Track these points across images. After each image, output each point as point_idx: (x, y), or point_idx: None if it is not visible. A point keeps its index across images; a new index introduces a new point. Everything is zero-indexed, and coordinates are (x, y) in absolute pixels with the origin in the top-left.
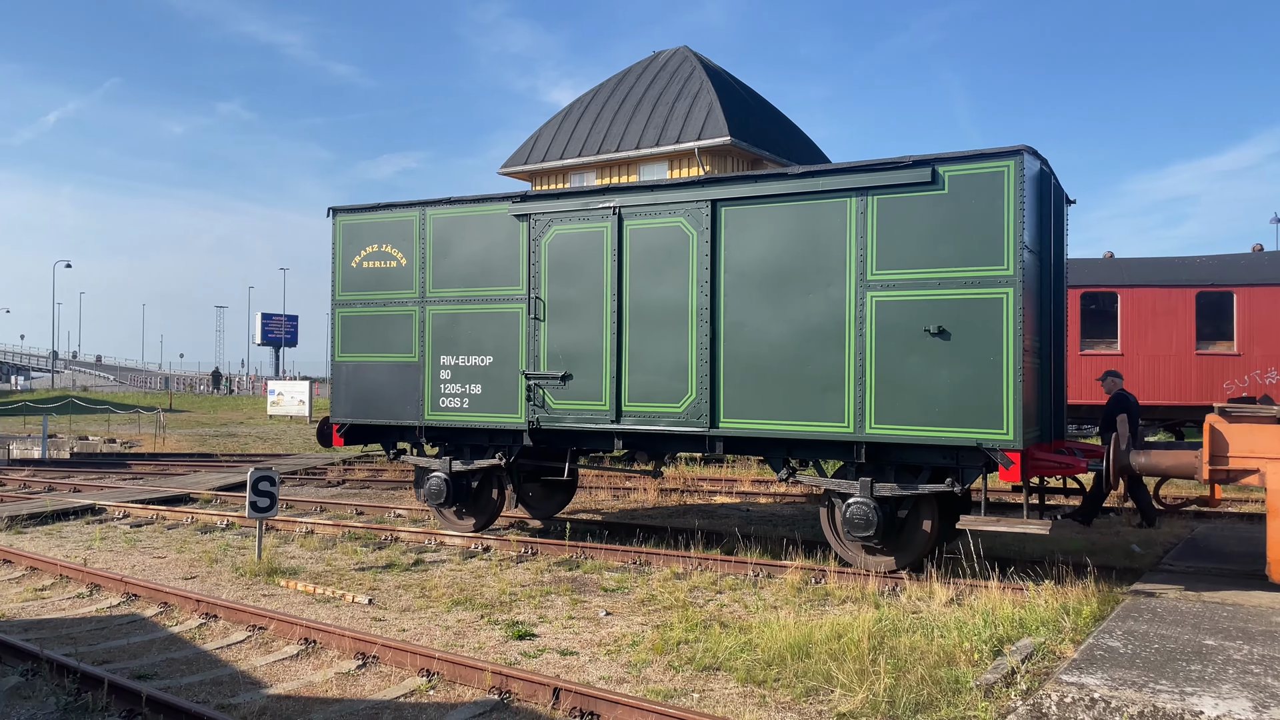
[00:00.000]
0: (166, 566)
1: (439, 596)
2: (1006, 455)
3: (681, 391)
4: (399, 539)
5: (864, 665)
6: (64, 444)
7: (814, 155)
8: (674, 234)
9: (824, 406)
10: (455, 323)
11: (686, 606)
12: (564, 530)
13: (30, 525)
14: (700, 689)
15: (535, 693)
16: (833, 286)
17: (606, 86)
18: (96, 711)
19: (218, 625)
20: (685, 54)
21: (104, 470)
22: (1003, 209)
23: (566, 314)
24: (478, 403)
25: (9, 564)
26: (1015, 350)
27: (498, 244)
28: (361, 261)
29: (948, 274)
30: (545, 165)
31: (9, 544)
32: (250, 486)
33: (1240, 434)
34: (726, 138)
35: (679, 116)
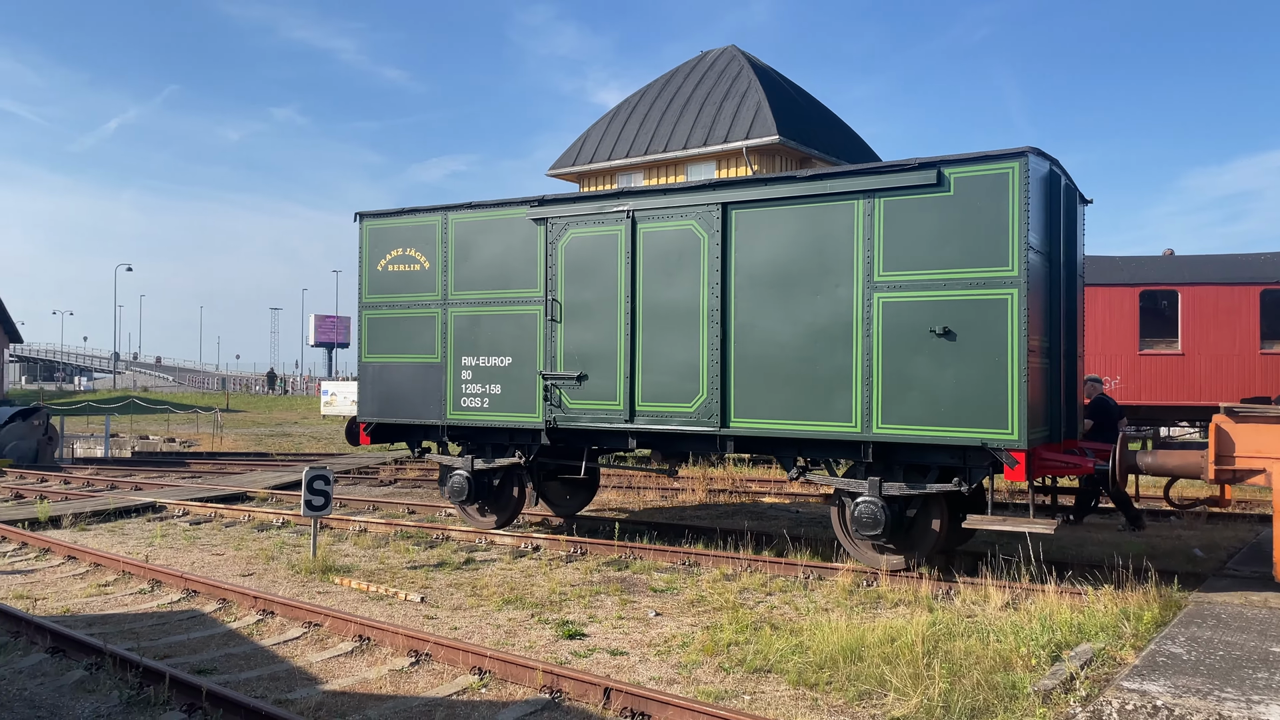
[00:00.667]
0: (225, 563)
1: (490, 595)
2: (1011, 455)
3: (693, 391)
4: (450, 538)
5: (918, 669)
6: (125, 443)
7: (864, 153)
8: (686, 236)
9: (832, 406)
10: (476, 324)
11: (736, 608)
12: (613, 530)
13: (94, 522)
14: (751, 691)
15: (586, 692)
16: (840, 288)
17: (654, 87)
18: (158, 705)
19: (274, 621)
20: (733, 53)
21: (164, 469)
22: (1008, 210)
23: (582, 316)
24: (497, 402)
25: (74, 560)
26: (1020, 351)
27: (516, 247)
28: (387, 265)
29: (953, 275)
30: (593, 167)
31: (74, 540)
32: (305, 485)
33: (1246, 434)
34: (775, 137)
35: (727, 116)
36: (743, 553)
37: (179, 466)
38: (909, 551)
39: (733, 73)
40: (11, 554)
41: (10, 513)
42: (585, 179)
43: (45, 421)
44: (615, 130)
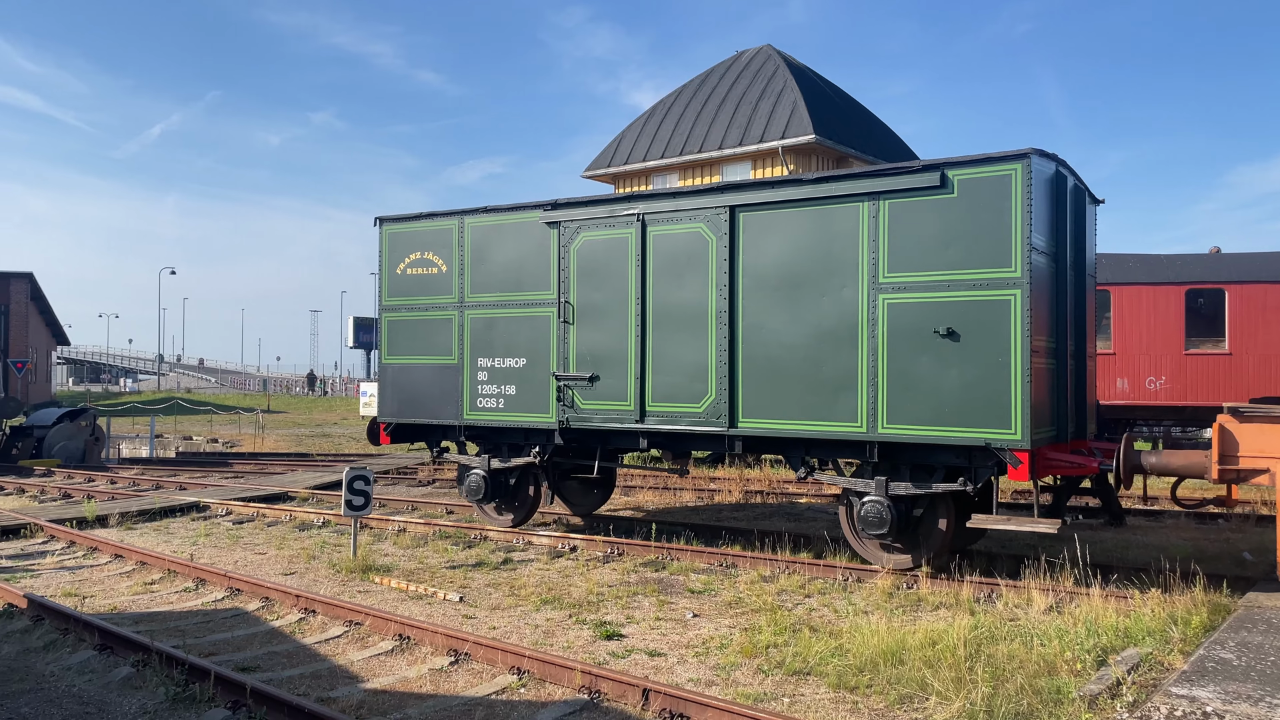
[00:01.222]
0: (267, 562)
1: (528, 595)
2: (1015, 455)
3: (702, 392)
4: (488, 538)
5: (960, 673)
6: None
7: (901, 152)
8: (694, 239)
9: (838, 407)
10: (491, 326)
11: (775, 610)
12: (650, 531)
13: (140, 521)
14: (791, 693)
15: (625, 693)
16: (846, 289)
17: (689, 87)
18: (203, 702)
19: (316, 620)
20: (769, 53)
21: (207, 469)
22: (1010, 211)
23: (594, 317)
24: (512, 403)
25: (120, 558)
26: (1023, 351)
27: (530, 251)
28: (406, 268)
29: (957, 276)
30: (628, 168)
31: (120, 539)
32: (346, 485)
33: (1251, 434)
34: (811, 136)
35: (762, 116)
36: (780, 554)
37: (222, 466)
38: (916, 551)
39: (768, 72)
40: (60, 552)
41: (59, 512)
42: (620, 180)
43: (92, 422)
44: (650, 131)
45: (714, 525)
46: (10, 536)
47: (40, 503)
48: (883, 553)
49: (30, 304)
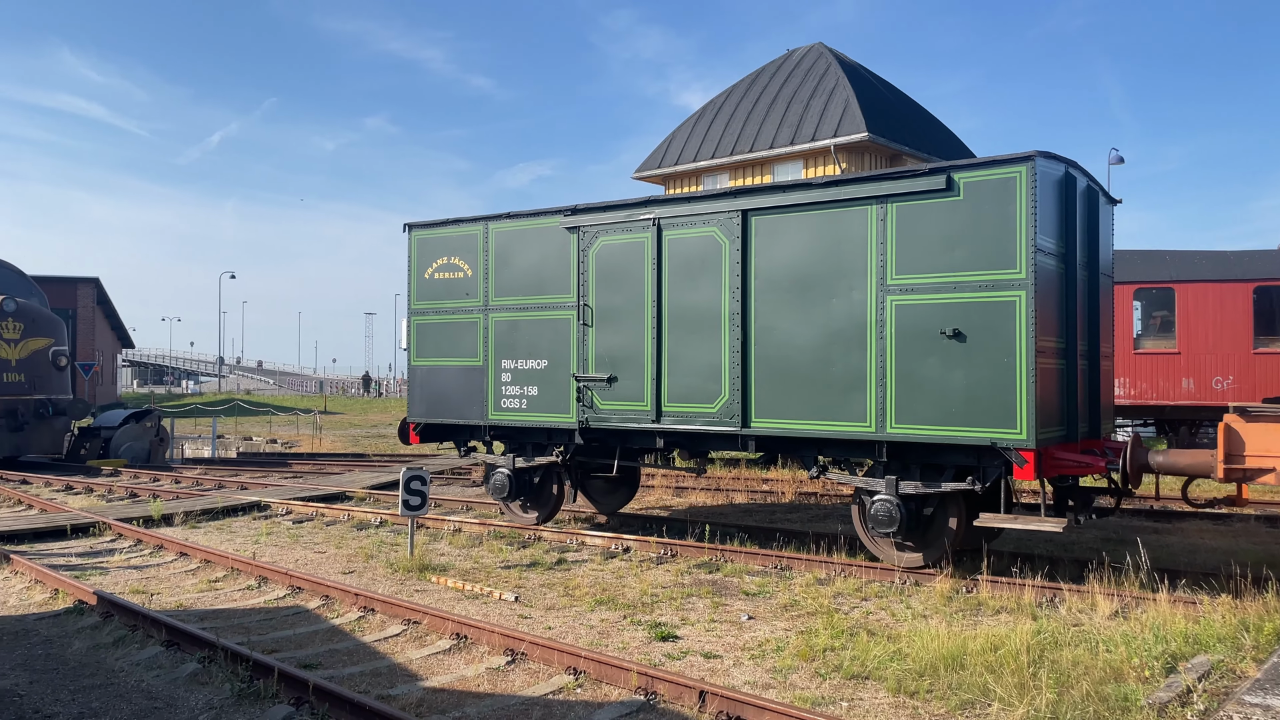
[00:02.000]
0: (326, 561)
1: (582, 596)
2: (1020, 454)
3: (716, 392)
4: (542, 538)
5: (1024, 679)
6: (230, 444)
7: (956, 148)
8: (708, 243)
9: (848, 407)
10: (514, 329)
11: (831, 613)
12: (704, 532)
13: (204, 520)
14: (849, 697)
15: (681, 695)
16: (855, 291)
17: (739, 87)
18: (267, 698)
19: (375, 619)
20: (820, 50)
21: (267, 469)
22: (1015, 214)
23: (612, 320)
24: (534, 403)
25: (186, 556)
26: (1028, 352)
27: (551, 255)
28: (433, 273)
29: (963, 278)
30: (678, 169)
31: (185, 538)
32: (403, 486)
33: (1257, 433)
34: (864, 134)
35: (814, 114)
36: (836, 557)
37: (281, 467)
38: (927, 549)
39: (820, 70)
40: (127, 550)
41: (125, 511)
42: (671, 181)
43: (156, 423)
44: (701, 131)
45: (768, 527)
46: (80, 534)
47: (108, 502)
48: (894, 551)
49: (96, 308)
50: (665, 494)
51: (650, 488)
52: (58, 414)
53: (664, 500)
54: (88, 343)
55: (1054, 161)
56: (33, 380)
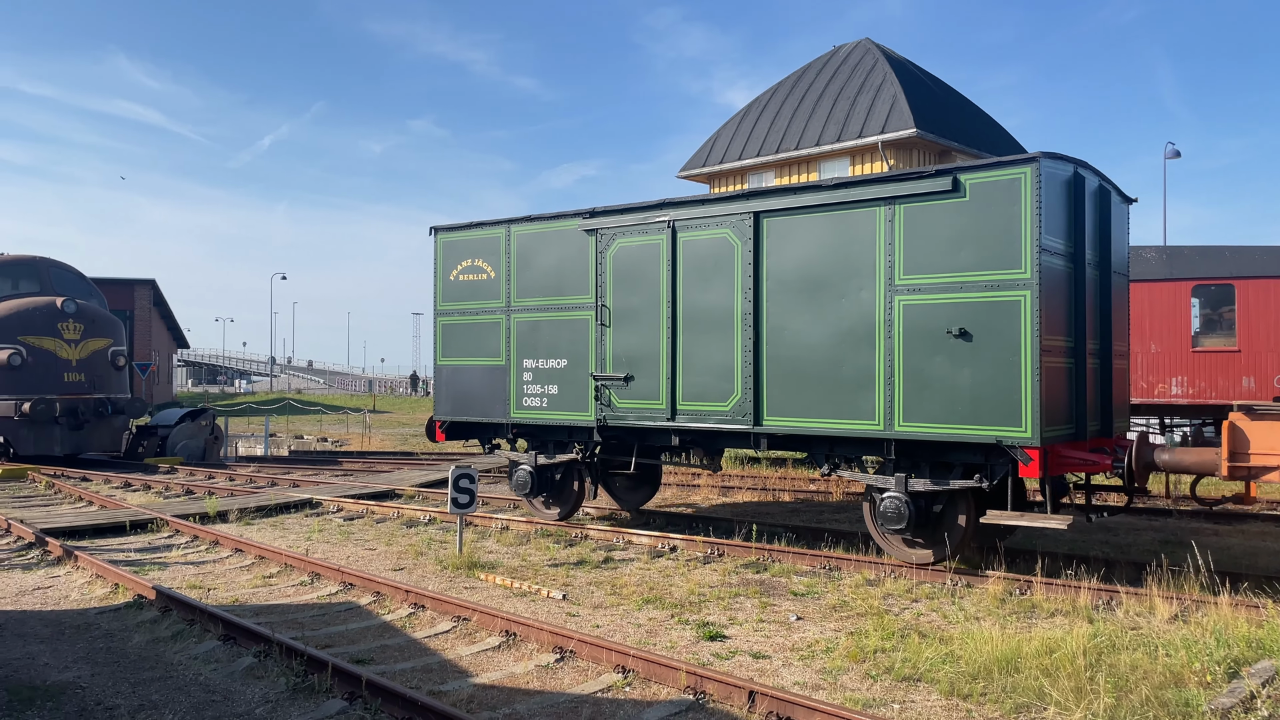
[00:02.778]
0: (377, 558)
1: (629, 594)
2: (1025, 452)
3: (729, 391)
4: (588, 537)
5: (1080, 683)
6: (282, 442)
7: (1007, 144)
8: (721, 245)
9: (857, 405)
10: (535, 329)
11: (881, 614)
12: (750, 532)
13: (257, 517)
14: (900, 699)
15: (730, 695)
16: (864, 291)
17: (785, 84)
18: (321, 693)
19: (425, 615)
20: (867, 46)
21: (318, 467)
22: (1020, 214)
23: (628, 320)
24: (555, 402)
25: (240, 553)
26: (1033, 351)
27: (571, 257)
28: (458, 275)
29: (969, 278)
30: (723, 167)
31: (239, 534)
32: (451, 483)
33: (1262, 432)
34: (912, 130)
35: (861, 111)
36: (886, 558)
37: (332, 465)
38: (937, 546)
39: (867, 66)
40: (184, 546)
41: (182, 507)
42: (715, 180)
43: (211, 422)
44: (746, 129)
45: (815, 527)
46: (139, 530)
47: (165, 499)
48: (905, 548)
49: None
50: (711, 493)
51: (696, 486)
52: (116, 413)
53: (710, 499)
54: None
55: (1061, 162)
56: (92, 380)
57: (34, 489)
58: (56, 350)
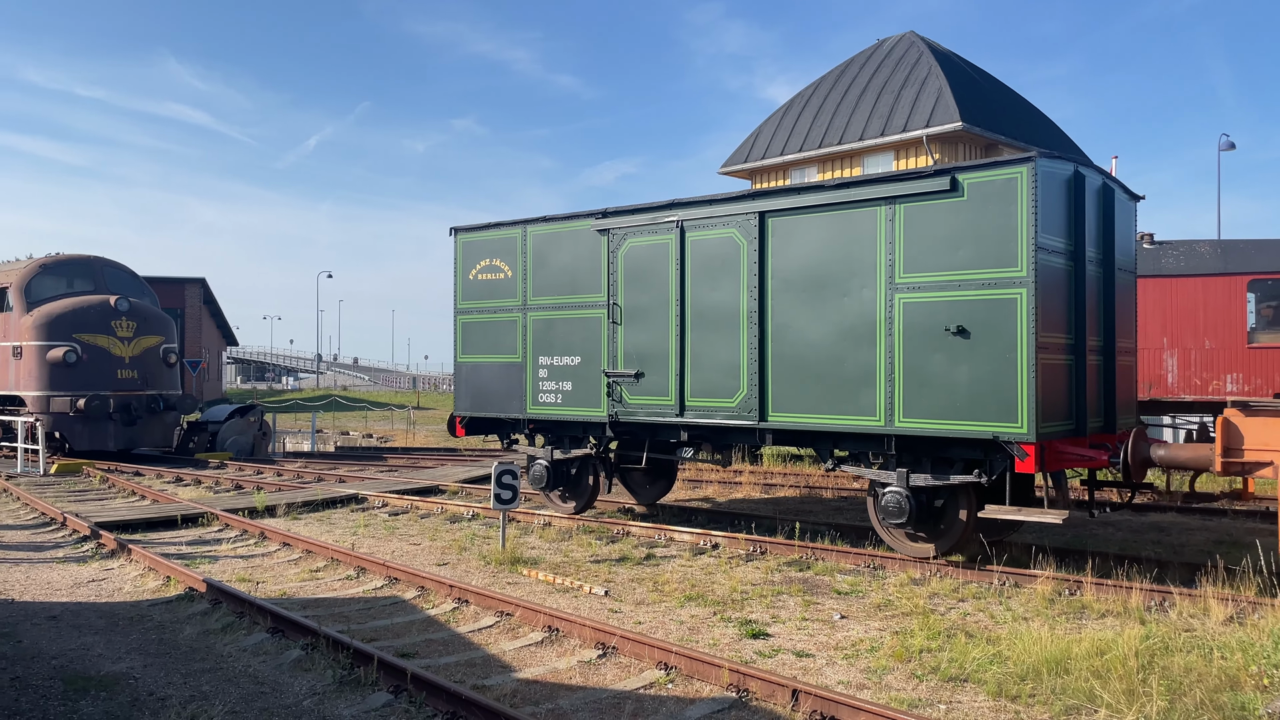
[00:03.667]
0: (421, 553)
1: (671, 591)
2: (1021, 448)
3: (735, 388)
4: (630, 533)
5: (1132, 685)
6: (329, 438)
7: (1055, 137)
8: (727, 244)
9: (859, 401)
10: (550, 327)
11: (927, 614)
12: (793, 530)
13: (305, 512)
14: (947, 700)
15: (773, 693)
16: (865, 289)
17: (828, 79)
18: (367, 686)
19: (469, 610)
20: (911, 39)
21: (364, 463)
22: (1017, 213)
23: (639, 318)
24: (569, 398)
25: (288, 547)
26: (1029, 348)
27: (584, 256)
28: (477, 274)
29: (967, 276)
30: (765, 163)
31: (287, 529)
32: (495, 480)
33: (1255, 427)
34: (958, 123)
35: (905, 104)
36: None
37: (377, 460)
38: (939, 540)
39: (911, 59)
40: (234, 540)
41: (231, 502)
42: (757, 175)
43: (259, 418)
44: (788, 125)
45: (859, 525)
46: (190, 524)
47: (215, 493)
48: (908, 541)
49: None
50: (753, 490)
51: (738, 484)
52: (168, 409)
53: (751, 495)
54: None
55: (1059, 161)
56: (145, 376)
57: (89, 483)
58: (110, 348)
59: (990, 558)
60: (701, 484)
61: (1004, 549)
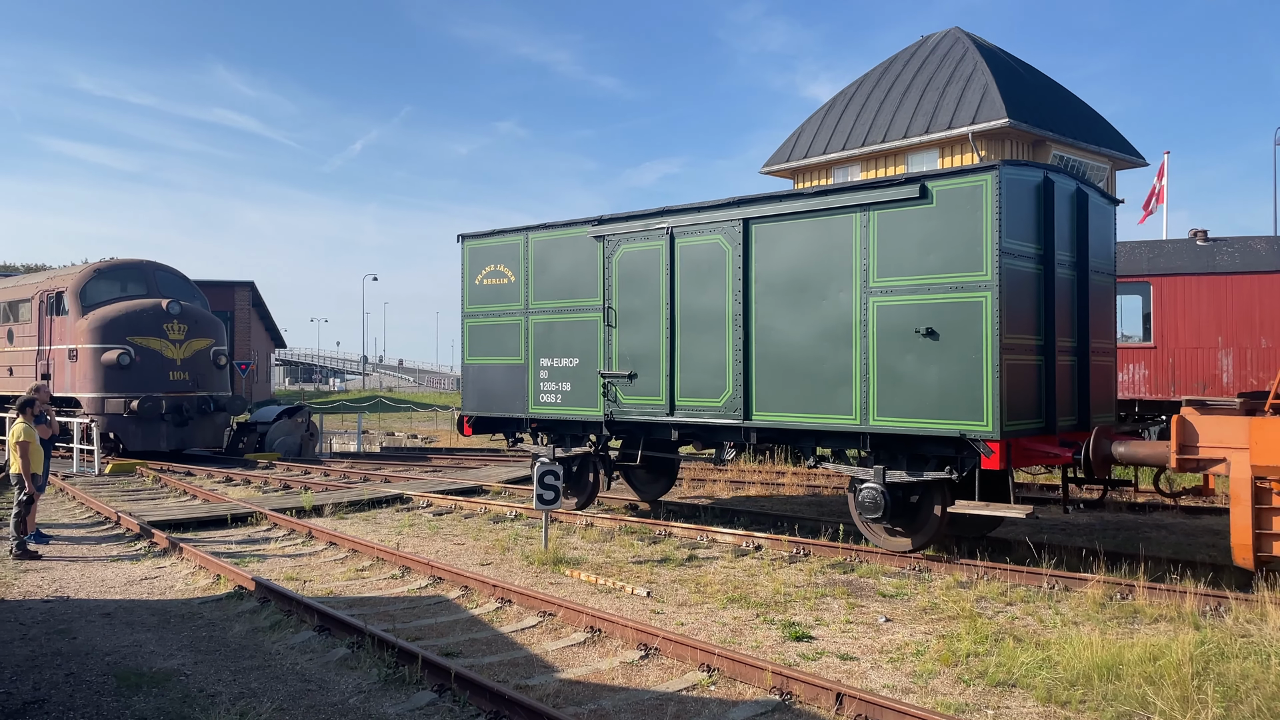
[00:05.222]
0: (465, 552)
1: (714, 593)
2: (987, 445)
3: (721, 388)
4: (672, 534)
5: (1186, 691)
6: (374, 439)
7: (1105, 132)
8: (714, 250)
9: (836, 401)
10: (551, 330)
11: (974, 617)
12: (837, 531)
13: (351, 512)
14: (995, 705)
15: (817, 696)
16: (842, 293)
17: (871, 76)
18: (412, 684)
19: (512, 610)
20: (956, 35)
21: (408, 463)
22: (982, 219)
23: (632, 321)
24: (568, 398)
25: (335, 546)
26: (994, 348)
27: (582, 262)
28: (482, 279)
29: (936, 280)
30: (807, 162)
31: (334, 528)
32: (537, 480)
33: (1209, 425)
34: (1004, 120)
35: (950, 101)
36: (978, 560)
37: (421, 461)
38: (915, 535)
39: (956, 55)
40: (282, 539)
41: (280, 501)
42: (800, 174)
43: (307, 419)
44: (831, 123)
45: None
46: (239, 523)
47: (263, 493)
48: (885, 536)
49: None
50: (796, 490)
51: (781, 485)
52: (218, 410)
53: (795, 494)
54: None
55: (1027, 168)
56: (196, 378)
57: (142, 483)
58: (162, 350)
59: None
60: (744, 485)
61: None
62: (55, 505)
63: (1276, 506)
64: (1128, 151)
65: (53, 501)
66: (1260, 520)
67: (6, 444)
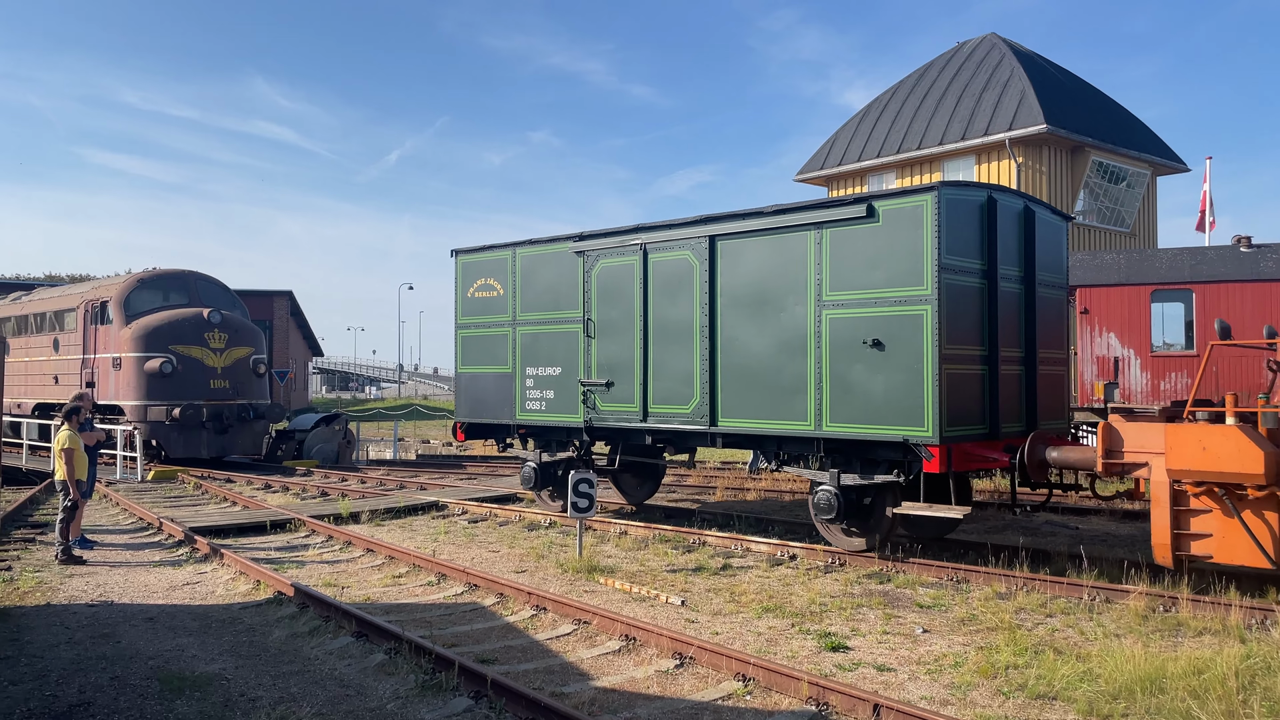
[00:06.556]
0: (500, 560)
1: (748, 602)
2: (928, 449)
3: (689, 395)
4: (706, 543)
5: (1232, 706)
6: (410, 446)
7: (1145, 138)
8: (683, 265)
9: (793, 407)
10: (536, 340)
11: (1013, 629)
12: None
13: (387, 519)
14: (1035, 718)
15: (854, 707)
16: (799, 306)
17: (906, 83)
18: (448, 690)
19: (547, 617)
20: (993, 41)
21: (444, 470)
22: (923, 238)
23: (609, 332)
24: (551, 405)
25: (371, 553)
26: (934, 358)
27: (564, 275)
28: (474, 292)
29: (882, 294)
30: (842, 169)
31: (370, 535)
32: (571, 488)
33: (1134, 432)
34: (1042, 126)
35: (987, 107)
36: (1017, 570)
37: (456, 468)
38: (869, 535)
39: (993, 61)
40: (320, 545)
41: (318, 508)
42: (834, 182)
43: (344, 427)
44: (865, 130)
45: (941, 538)
46: (278, 530)
47: (302, 500)
48: (842, 536)
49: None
50: None
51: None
52: (257, 417)
53: None
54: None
55: (969, 189)
56: (236, 386)
57: (183, 489)
58: (203, 358)
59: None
60: (781, 494)
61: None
62: (99, 511)
63: (1193, 508)
64: (1168, 157)
65: (97, 507)
66: (1178, 521)
67: (52, 451)
